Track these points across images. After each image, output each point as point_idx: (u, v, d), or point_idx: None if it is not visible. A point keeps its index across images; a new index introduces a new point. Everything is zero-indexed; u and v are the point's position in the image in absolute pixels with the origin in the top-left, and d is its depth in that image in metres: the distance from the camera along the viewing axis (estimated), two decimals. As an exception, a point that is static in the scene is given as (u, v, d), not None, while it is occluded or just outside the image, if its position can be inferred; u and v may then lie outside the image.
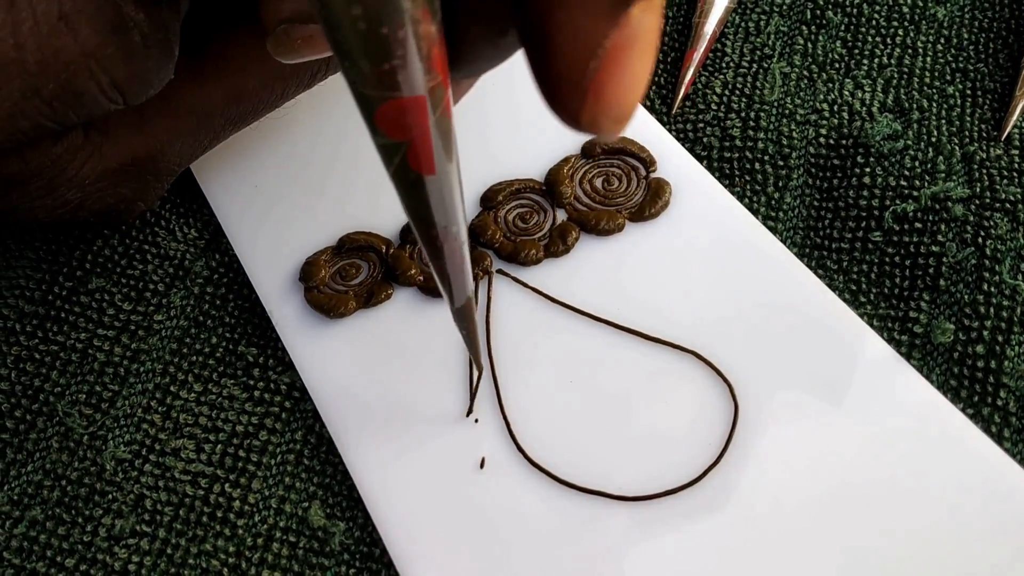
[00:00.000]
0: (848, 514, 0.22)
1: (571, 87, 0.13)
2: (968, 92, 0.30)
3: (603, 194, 0.28)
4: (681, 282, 0.26)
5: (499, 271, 0.27)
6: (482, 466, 0.24)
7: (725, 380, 0.25)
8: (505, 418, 0.25)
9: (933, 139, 0.28)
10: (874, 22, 0.32)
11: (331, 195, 0.29)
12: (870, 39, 0.31)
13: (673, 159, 0.29)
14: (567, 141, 0.29)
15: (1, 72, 0.18)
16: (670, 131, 0.30)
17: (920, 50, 0.31)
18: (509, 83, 0.31)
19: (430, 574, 0.23)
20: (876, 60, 0.31)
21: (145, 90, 0.21)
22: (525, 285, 0.27)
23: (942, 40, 0.31)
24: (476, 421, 0.25)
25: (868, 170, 0.28)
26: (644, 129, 0.29)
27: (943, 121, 0.29)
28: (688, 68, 0.31)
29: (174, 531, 0.24)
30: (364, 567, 0.23)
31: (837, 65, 0.31)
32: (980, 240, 0.26)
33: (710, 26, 0.31)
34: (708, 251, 0.27)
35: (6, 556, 0.24)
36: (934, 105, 0.29)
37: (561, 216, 0.28)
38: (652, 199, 0.28)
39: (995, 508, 0.22)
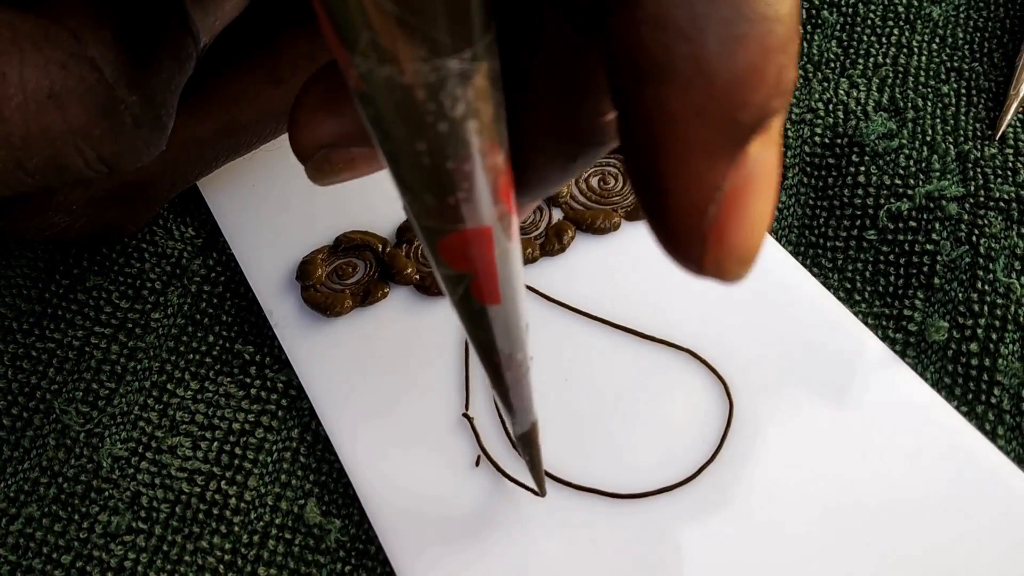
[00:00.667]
0: (841, 511, 0.22)
1: (690, 234, 0.12)
2: (963, 91, 0.30)
3: (599, 193, 0.28)
4: (676, 281, 0.26)
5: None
6: (477, 463, 0.24)
7: (720, 378, 0.25)
8: (500, 416, 0.25)
9: (928, 138, 0.29)
10: (869, 21, 0.32)
11: (327, 194, 0.29)
12: (865, 38, 0.31)
13: (669, 158, 0.29)
14: (563, 140, 0.29)
15: None
16: (666, 130, 0.30)
17: (915, 49, 0.31)
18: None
19: (425, 571, 0.23)
20: (871, 59, 0.31)
21: (133, 164, 0.20)
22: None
23: (937, 39, 0.31)
24: (471, 419, 0.25)
25: (863, 169, 0.28)
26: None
27: (938, 120, 0.29)
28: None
29: (170, 528, 0.24)
30: (360, 564, 0.24)
31: (832, 64, 0.31)
32: (974, 239, 0.26)
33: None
34: (703, 250, 0.27)
35: (2, 553, 0.24)
36: (929, 104, 0.29)
37: (557, 215, 0.28)
38: (648, 198, 0.28)
39: (989, 505, 0.22)
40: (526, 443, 0.21)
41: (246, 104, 0.25)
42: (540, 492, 0.23)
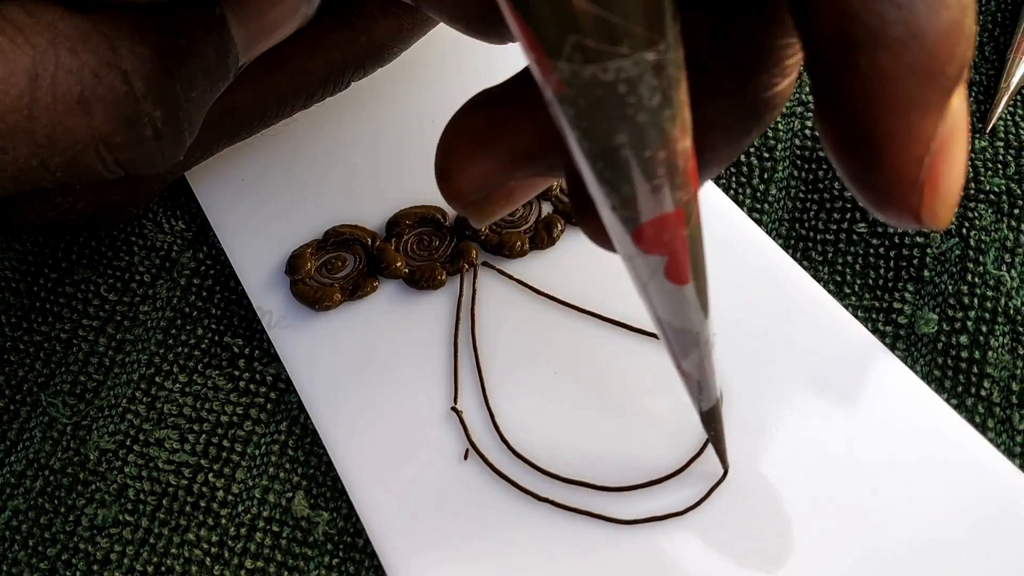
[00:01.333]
0: (829, 503, 0.22)
1: (909, 187, 0.13)
2: (954, 85, 0.30)
3: (589, 186, 0.28)
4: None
5: (484, 263, 0.27)
6: (466, 457, 0.24)
7: (709, 371, 0.25)
8: (489, 409, 0.25)
9: (918, 131, 0.29)
10: (860, 16, 0.32)
11: (317, 188, 0.29)
12: (856, 32, 0.31)
13: (659, 151, 0.28)
14: (553, 134, 0.29)
15: (11, 137, 0.18)
16: (657, 124, 0.30)
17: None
18: (495, 77, 0.31)
19: (413, 564, 0.23)
20: (862, 53, 0.31)
21: (149, 170, 0.21)
22: (510, 277, 0.27)
23: (928, 33, 0.31)
24: (460, 413, 0.25)
25: (853, 162, 0.28)
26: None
27: (928, 113, 0.29)
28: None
29: (157, 521, 0.24)
30: (348, 557, 0.23)
31: (823, 58, 0.31)
32: (964, 231, 0.26)
33: (697, 20, 0.31)
34: (693, 243, 0.27)
35: (-12, 546, 0.24)
36: (920, 98, 0.29)
37: (547, 208, 0.28)
38: (638, 191, 0.28)
39: (978, 497, 0.22)
40: (711, 419, 0.21)
41: (246, 85, 0.25)
42: (724, 466, 0.23)
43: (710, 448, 0.23)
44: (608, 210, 0.14)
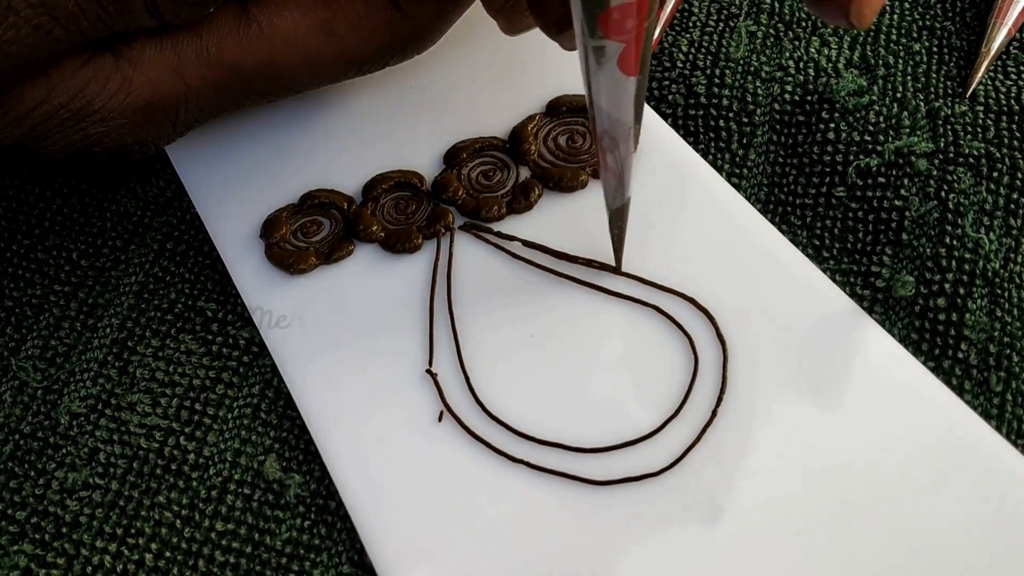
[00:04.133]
0: (804, 464, 0.22)
1: None
2: (935, 49, 0.30)
3: (567, 151, 0.28)
4: (643, 238, 0.26)
5: (462, 227, 0.27)
6: (440, 419, 0.24)
7: (686, 334, 0.24)
8: (464, 372, 0.24)
9: (898, 95, 0.28)
10: (842, -19, 0.31)
11: (293, 152, 0.29)
12: (837, -2, 0.31)
13: (638, 116, 0.28)
14: (532, 99, 0.29)
15: None
16: (636, 89, 0.30)
17: (887, 7, 0.31)
18: (473, 43, 0.30)
19: (386, 527, 0.22)
20: (843, 19, 0.30)
21: (179, 11, 0.22)
22: (490, 231, 0.26)
23: (909, -2, 0.31)
24: (435, 375, 0.24)
25: (832, 125, 0.28)
26: (609, 86, 0.29)
27: (908, 77, 0.29)
28: (655, 27, 0.30)
29: (127, 484, 0.24)
30: (319, 519, 0.23)
31: (804, 23, 0.30)
32: (943, 194, 0.26)
33: (678, -15, 0.31)
34: (672, 208, 0.27)
35: (-43, 509, 0.23)
36: (900, 62, 0.29)
37: (524, 173, 0.28)
38: (616, 155, 0.27)
39: (955, 460, 0.22)
40: (619, 217, 0.23)
41: (291, 46, 0.25)
42: (619, 266, 0.25)
43: (686, 410, 0.23)
44: None
